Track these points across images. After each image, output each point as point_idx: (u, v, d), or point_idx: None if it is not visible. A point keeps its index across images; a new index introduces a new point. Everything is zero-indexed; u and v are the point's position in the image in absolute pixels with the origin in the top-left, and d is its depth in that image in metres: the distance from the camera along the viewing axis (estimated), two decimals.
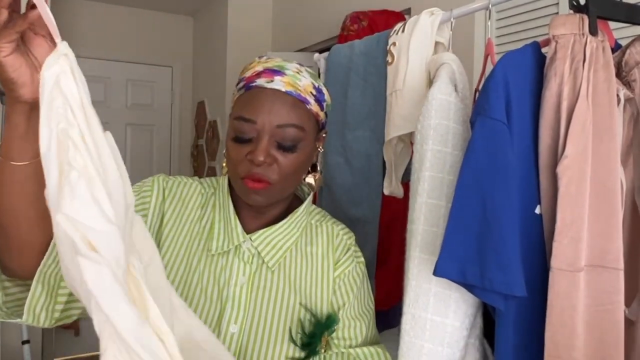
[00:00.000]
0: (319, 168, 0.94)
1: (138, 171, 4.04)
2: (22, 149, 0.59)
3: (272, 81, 0.81)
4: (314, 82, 0.85)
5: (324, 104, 0.87)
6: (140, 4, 3.96)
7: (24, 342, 2.53)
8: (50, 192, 0.44)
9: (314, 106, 0.84)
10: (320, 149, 0.91)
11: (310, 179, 0.92)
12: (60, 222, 0.41)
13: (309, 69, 0.86)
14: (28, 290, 0.69)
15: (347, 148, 1.40)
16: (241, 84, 0.84)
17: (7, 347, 2.73)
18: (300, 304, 0.86)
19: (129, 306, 0.41)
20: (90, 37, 3.87)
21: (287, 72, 0.82)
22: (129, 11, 4.02)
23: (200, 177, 0.97)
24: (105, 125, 0.48)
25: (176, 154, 4.30)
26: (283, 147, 0.80)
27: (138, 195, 0.86)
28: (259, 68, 0.83)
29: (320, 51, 1.63)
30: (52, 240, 0.66)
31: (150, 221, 0.84)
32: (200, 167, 4.00)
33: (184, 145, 4.28)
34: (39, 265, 0.67)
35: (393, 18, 2.06)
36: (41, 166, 0.46)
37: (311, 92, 0.83)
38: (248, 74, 0.84)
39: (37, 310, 0.69)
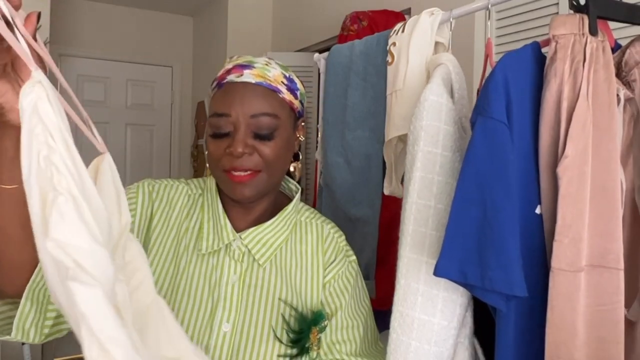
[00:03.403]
0: (300, 157, 0.95)
1: (138, 171, 4.04)
2: (12, 173, 0.59)
3: (241, 75, 0.83)
4: (284, 72, 0.87)
5: (298, 93, 0.89)
6: (140, 4, 3.96)
7: (24, 342, 2.53)
8: (34, 220, 0.43)
9: (286, 95, 0.86)
10: (302, 138, 0.92)
11: (290, 167, 0.93)
12: (50, 248, 0.40)
13: (278, 62, 0.89)
14: (17, 308, 0.69)
15: (347, 148, 1.40)
16: (214, 84, 0.87)
17: (7, 347, 2.73)
18: (283, 300, 0.86)
19: (124, 329, 0.41)
20: (90, 37, 3.87)
21: (255, 65, 0.85)
22: (129, 11, 4.02)
23: (200, 177, 0.97)
24: (105, 125, 0.48)
25: (176, 154, 4.30)
26: (260, 136, 0.82)
27: None
28: (229, 66, 0.86)
29: (320, 51, 1.63)
30: None
31: (137, 227, 0.84)
32: (200, 167, 4.00)
33: (184, 145, 4.28)
34: (27, 284, 0.67)
35: (393, 18, 2.06)
36: None
37: (282, 82, 0.85)
38: (220, 73, 0.87)
39: (27, 326, 0.69)
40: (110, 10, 3.95)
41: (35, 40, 0.50)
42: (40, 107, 0.44)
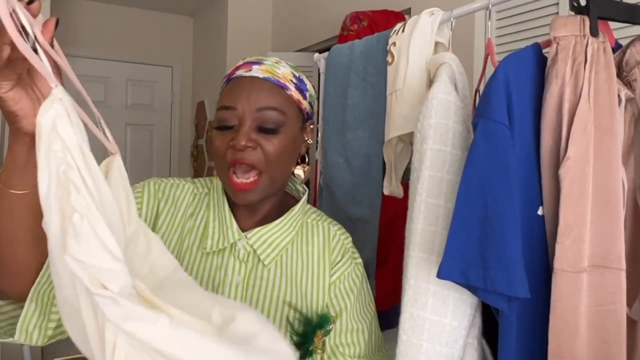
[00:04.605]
0: (307, 160, 0.94)
1: (138, 171, 4.04)
2: (22, 178, 0.59)
3: (250, 70, 0.83)
4: (293, 72, 0.87)
5: (307, 94, 0.88)
6: (140, 4, 3.96)
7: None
8: (52, 235, 0.44)
9: (294, 92, 0.85)
10: (309, 141, 0.92)
11: (299, 171, 0.92)
12: (69, 262, 0.41)
13: (289, 63, 0.89)
14: (21, 308, 0.69)
15: (347, 148, 1.40)
16: (223, 81, 0.87)
17: (7, 347, 2.73)
18: (289, 304, 0.85)
19: (156, 314, 0.42)
20: (90, 37, 3.87)
21: (265, 62, 0.85)
22: (129, 11, 4.02)
23: (200, 177, 0.97)
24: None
25: (176, 154, 4.30)
26: (265, 130, 0.81)
27: None
28: (240, 63, 0.86)
29: (320, 51, 1.63)
30: (47, 260, 0.67)
31: None
32: (200, 167, 4.00)
33: (184, 145, 4.28)
34: (31, 286, 0.67)
35: (393, 18, 2.06)
36: (39, 195, 0.47)
37: (291, 80, 0.85)
38: (229, 70, 0.87)
39: (30, 328, 0.69)
40: (110, 10, 3.95)
41: (53, 46, 0.50)
42: (59, 124, 0.44)
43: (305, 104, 0.88)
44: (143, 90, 4.14)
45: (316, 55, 1.58)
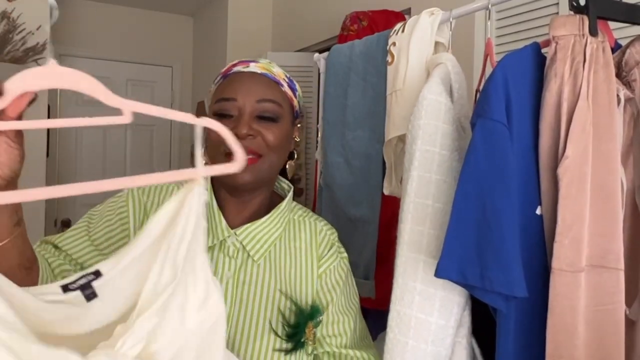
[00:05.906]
0: (295, 157, 0.99)
1: (138, 171, 3.98)
2: None
3: (248, 67, 0.89)
4: (285, 72, 0.93)
5: (297, 93, 0.94)
6: (140, 4, 3.96)
7: None
8: None
9: (287, 90, 0.91)
10: (297, 139, 0.96)
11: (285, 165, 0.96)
12: None
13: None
14: None
15: (347, 148, 1.40)
16: (218, 78, 0.92)
17: None
18: (284, 293, 0.87)
19: None
20: (90, 37, 3.87)
21: (261, 61, 0.92)
22: (129, 11, 4.02)
23: None
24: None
25: (176, 154, 4.29)
26: (265, 118, 0.86)
27: (114, 213, 0.87)
28: (235, 62, 0.92)
29: (320, 51, 1.63)
30: (39, 280, 0.69)
31: (133, 234, 0.85)
32: None
33: (184, 145, 4.28)
34: None
35: (393, 18, 2.06)
36: (17, 242, 0.55)
37: (284, 78, 0.91)
38: (224, 68, 0.92)
39: None
40: (110, 10, 3.94)
41: (21, 118, 0.52)
42: None
43: (295, 102, 0.93)
44: (143, 90, 4.14)
45: (316, 55, 1.58)
